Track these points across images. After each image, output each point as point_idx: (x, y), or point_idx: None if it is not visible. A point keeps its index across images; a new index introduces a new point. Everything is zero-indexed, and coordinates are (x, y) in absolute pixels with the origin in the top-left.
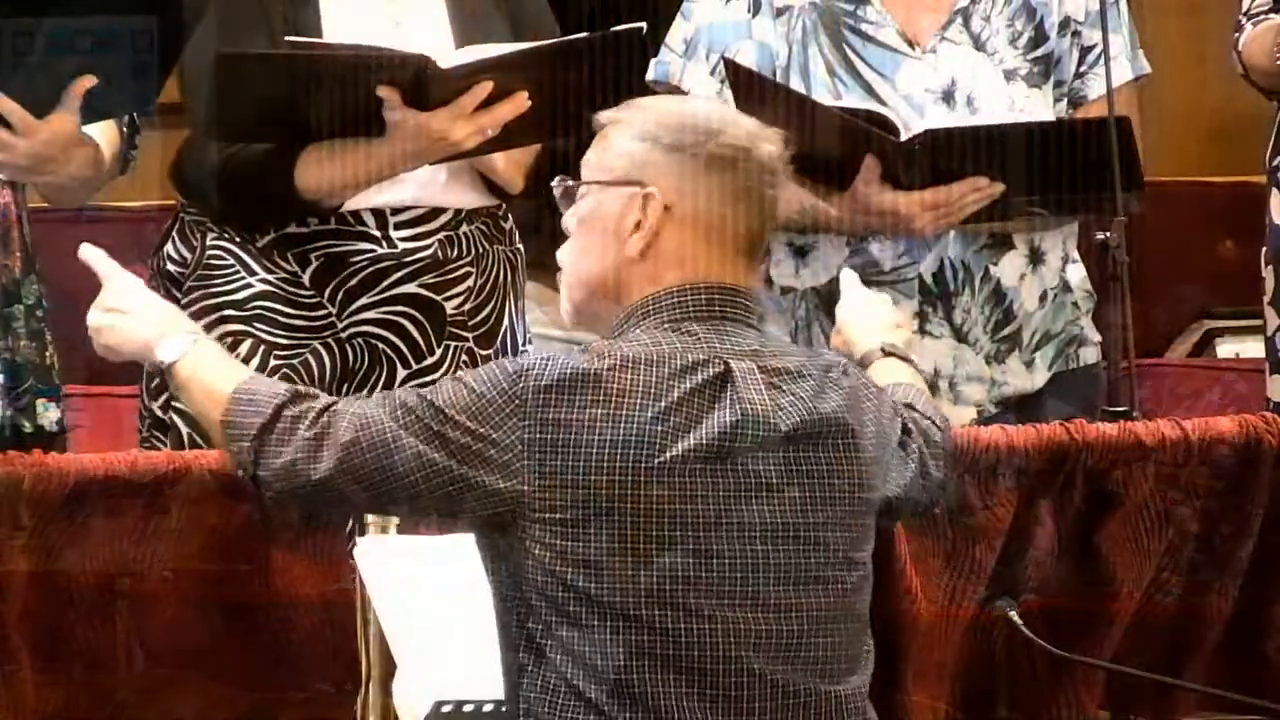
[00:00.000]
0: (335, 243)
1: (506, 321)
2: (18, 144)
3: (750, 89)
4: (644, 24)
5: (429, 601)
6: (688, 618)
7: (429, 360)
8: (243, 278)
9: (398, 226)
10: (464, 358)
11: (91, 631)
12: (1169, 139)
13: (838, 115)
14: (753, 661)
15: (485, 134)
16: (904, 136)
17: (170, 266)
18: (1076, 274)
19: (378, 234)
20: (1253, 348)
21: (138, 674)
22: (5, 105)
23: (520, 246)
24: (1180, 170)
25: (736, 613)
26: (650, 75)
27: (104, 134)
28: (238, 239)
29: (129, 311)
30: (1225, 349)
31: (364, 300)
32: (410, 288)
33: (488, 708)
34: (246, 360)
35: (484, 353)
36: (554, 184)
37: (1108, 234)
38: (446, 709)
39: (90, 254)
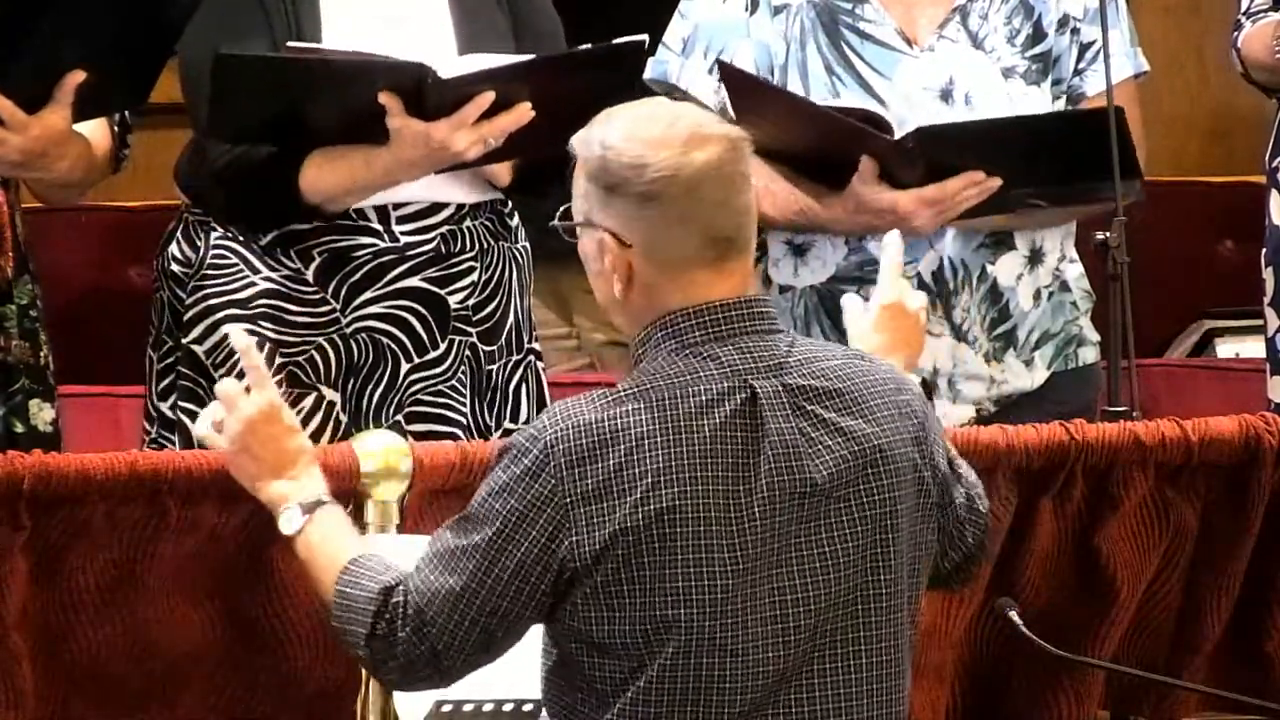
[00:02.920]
0: (338, 238)
1: (512, 318)
2: (8, 139)
3: (745, 91)
4: (645, 36)
5: None
6: (733, 661)
7: (433, 354)
8: (246, 276)
9: (400, 221)
10: (468, 352)
11: (91, 631)
12: (1169, 139)
13: (832, 116)
14: (793, 701)
15: (487, 144)
16: (899, 135)
17: (174, 266)
18: (1075, 273)
19: (380, 228)
20: (1253, 348)
21: (138, 674)
22: None
23: (526, 244)
24: (1180, 170)
25: (780, 651)
26: (648, 74)
27: (96, 132)
28: (241, 238)
29: (257, 456)
30: (1225, 349)
31: (367, 295)
32: (413, 281)
33: (488, 708)
34: None
35: (488, 348)
36: (554, 224)
37: (1107, 234)
38: (446, 709)
39: (244, 345)
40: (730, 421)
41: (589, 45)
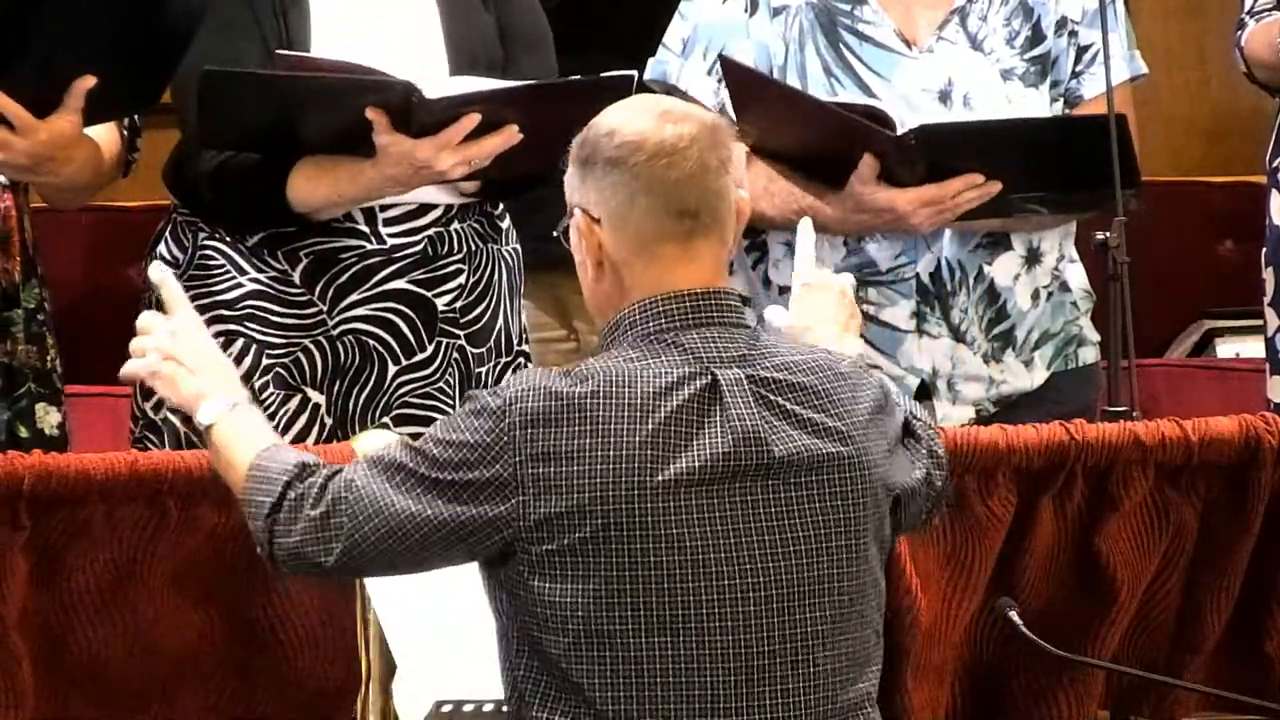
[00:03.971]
0: (325, 240)
1: (501, 320)
2: (17, 143)
3: (745, 86)
4: (634, 73)
5: (429, 601)
6: (686, 641)
7: (420, 356)
8: (233, 277)
9: (386, 223)
10: (456, 355)
11: (91, 631)
12: (1169, 139)
13: (834, 111)
14: (755, 680)
15: (470, 165)
16: (899, 132)
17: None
18: (1076, 274)
19: (366, 230)
20: (1253, 348)
21: (138, 674)
22: (5, 104)
23: (517, 247)
24: (1180, 170)
25: (738, 634)
26: (648, 74)
27: (104, 136)
28: (229, 239)
29: (183, 362)
30: (1225, 349)
31: (354, 297)
32: (400, 284)
33: (488, 708)
34: (239, 360)
35: (476, 350)
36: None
37: (1107, 234)
38: (446, 709)
39: (160, 276)
40: (689, 404)
41: (578, 76)
